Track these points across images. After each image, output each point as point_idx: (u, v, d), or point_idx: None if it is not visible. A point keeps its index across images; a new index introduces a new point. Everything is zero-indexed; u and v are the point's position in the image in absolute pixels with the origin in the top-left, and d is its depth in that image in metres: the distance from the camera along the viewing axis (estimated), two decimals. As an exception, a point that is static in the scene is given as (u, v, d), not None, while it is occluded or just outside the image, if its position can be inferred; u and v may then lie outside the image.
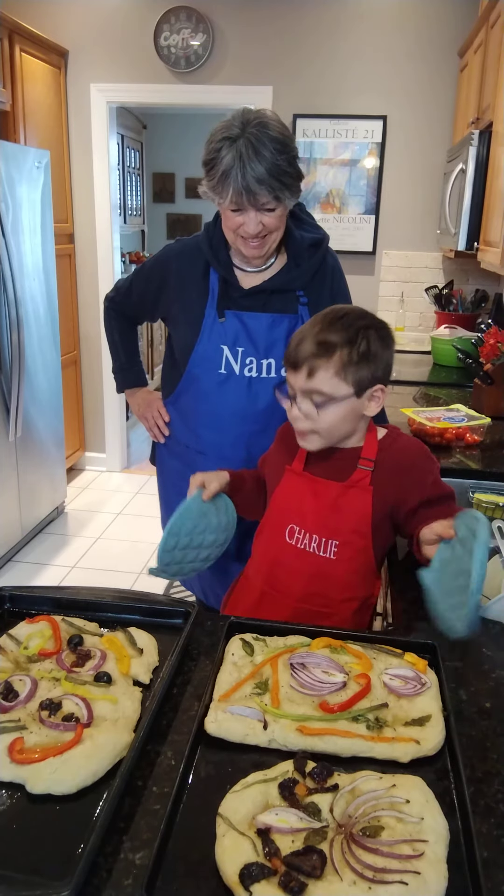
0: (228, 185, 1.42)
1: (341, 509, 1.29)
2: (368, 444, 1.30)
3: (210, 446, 1.69)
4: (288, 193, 1.46)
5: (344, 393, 1.21)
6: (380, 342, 1.23)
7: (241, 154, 1.39)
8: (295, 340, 1.24)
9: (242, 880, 0.69)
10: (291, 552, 1.33)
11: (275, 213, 1.48)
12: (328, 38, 3.87)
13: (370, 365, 1.22)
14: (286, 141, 1.44)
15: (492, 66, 2.83)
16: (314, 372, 1.20)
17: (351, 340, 1.20)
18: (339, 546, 1.29)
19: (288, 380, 1.26)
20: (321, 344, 1.20)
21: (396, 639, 1.10)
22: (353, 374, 1.21)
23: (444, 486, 1.31)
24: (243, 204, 1.44)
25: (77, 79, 4.10)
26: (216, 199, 1.49)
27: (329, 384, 1.20)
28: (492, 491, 1.84)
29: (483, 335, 2.54)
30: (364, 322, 1.23)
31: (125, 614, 1.17)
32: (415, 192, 4.02)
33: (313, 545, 1.31)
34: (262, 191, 1.41)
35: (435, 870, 0.71)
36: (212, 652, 1.09)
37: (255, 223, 1.47)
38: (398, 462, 1.30)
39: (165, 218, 7.31)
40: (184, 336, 1.64)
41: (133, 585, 3.19)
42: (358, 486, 1.28)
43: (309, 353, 1.20)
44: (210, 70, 3.98)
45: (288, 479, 1.36)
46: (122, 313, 1.86)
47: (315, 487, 1.31)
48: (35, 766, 0.82)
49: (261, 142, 1.40)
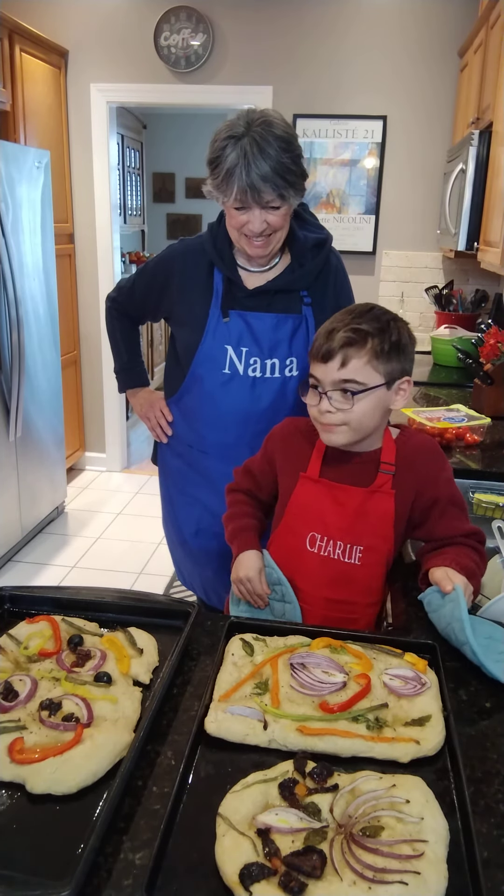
0: (233, 183, 1.42)
1: (366, 515, 1.28)
2: (387, 446, 1.30)
3: (213, 446, 1.69)
4: (292, 192, 1.46)
5: (377, 382, 1.21)
6: (407, 333, 1.24)
7: (246, 152, 1.39)
8: (323, 334, 1.22)
9: (242, 880, 0.69)
10: (314, 560, 1.32)
11: (279, 211, 1.48)
12: (328, 37, 3.87)
13: (399, 356, 1.22)
14: (291, 140, 1.44)
15: (492, 67, 2.83)
16: (348, 361, 1.19)
17: (382, 329, 1.20)
18: (363, 551, 1.29)
19: (315, 375, 1.24)
20: (355, 331, 1.19)
21: (396, 639, 1.10)
22: (385, 363, 1.21)
23: (456, 489, 1.32)
24: (248, 202, 1.44)
25: (77, 79, 4.10)
26: (220, 198, 1.49)
27: (362, 373, 1.20)
28: (492, 491, 1.84)
29: (483, 335, 2.54)
30: (391, 315, 1.24)
31: (125, 614, 1.17)
32: (415, 192, 4.02)
33: (337, 552, 1.30)
34: (266, 188, 1.41)
35: (435, 870, 0.71)
36: (212, 652, 1.09)
37: (260, 221, 1.47)
38: (415, 461, 1.30)
39: (165, 218, 7.31)
40: (188, 336, 1.64)
41: (133, 585, 3.18)
42: (381, 490, 1.28)
43: (343, 342, 1.19)
44: (210, 70, 3.98)
45: (304, 487, 1.33)
46: (124, 313, 1.86)
47: (335, 494, 1.30)
48: (35, 766, 0.82)
49: (265, 140, 1.40)
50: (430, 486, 1.29)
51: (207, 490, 1.72)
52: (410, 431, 1.36)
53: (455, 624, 1.08)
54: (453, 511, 1.29)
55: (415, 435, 1.35)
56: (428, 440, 1.36)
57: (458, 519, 1.29)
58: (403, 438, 1.33)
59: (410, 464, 1.29)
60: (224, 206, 1.52)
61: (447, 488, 1.30)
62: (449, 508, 1.29)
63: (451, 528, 1.28)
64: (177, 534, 1.87)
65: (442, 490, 1.29)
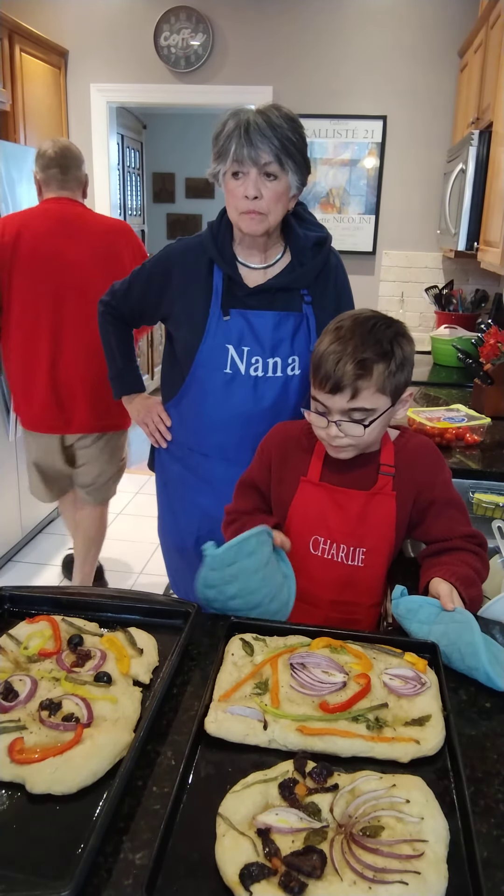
0: (231, 143, 1.42)
1: (368, 518, 1.29)
2: (386, 447, 1.30)
3: (214, 448, 1.67)
4: (291, 164, 1.45)
5: (385, 405, 1.21)
6: (408, 345, 1.23)
7: (249, 118, 1.42)
8: (330, 362, 1.18)
9: (242, 880, 0.69)
10: (318, 563, 1.32)
11: (276, 183, 1.46)
12: (328, 37, 3.87)
13: (404, 372, 1.22)
14: (295, 119, 1.47)
15: (492, 66, 2.83)
16: (358, 393, 1.18)
17: (387, 353, 1.18)
18: (366, 553, 1.30)
19: (322, 401, 1.21)
20: (361, 363, 1.17)
21: (396, 639, 1.10)
22: (391, 384, 1.20)
23: (454, 492, 1.32)
24: (244, 160, 1.42)
25: (77, 79, 4.10)
26: (220, 169, 1.48)
27: (371, 400, 1.19)
28: (492, 491, 1.84)
29: (483, 335, 2.54)
30: (392, 330, 1.22)
31: (125, 614, 1.17)
32: (415, 192, 4.03)
33: (341, 555, 1.30)
34: (263, 146, 1.40)
35: (435, 870, 0.71)
36: (212, 652, 1.09)
37: (255, 186, 1.45)
38: (414, 463, 1.30)
39: (165, 218, 7.31)
40: (187, 336, 1.62)
41: (133, 585, 3.18)
42: (382, 492, 1.28)
43: (352, 375, 1.17)
44: (210, 70, 3.98)
45: (305, 491, 1.33)
46: (118, 317, 1.82)
47: (337, 498, 1.30)
48: (35, 766, 0.82)
49: (270, 112, 1.43)
50: (428, 487, 1.29)
51: (208, 494, 1.71)
52: (409, 433, 1.36)
53: (466, 648, 1.05)
54: (450, 512, 1.30)
55: (413, 436, 1.36)
56: (426, 441, 1.37)
57: (455, 520, 1.29)
58: (402, 440, 1.33)
59: (410, 465, 1.30)
60: (223, 181, 1.50)
61: (444, 490, 1.30)
62: (445, 509, 1.29)
63: (447, 530, 1.28)
64: (176, 540, 1.86)
65: (439, 492, 1.29)
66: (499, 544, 1.40)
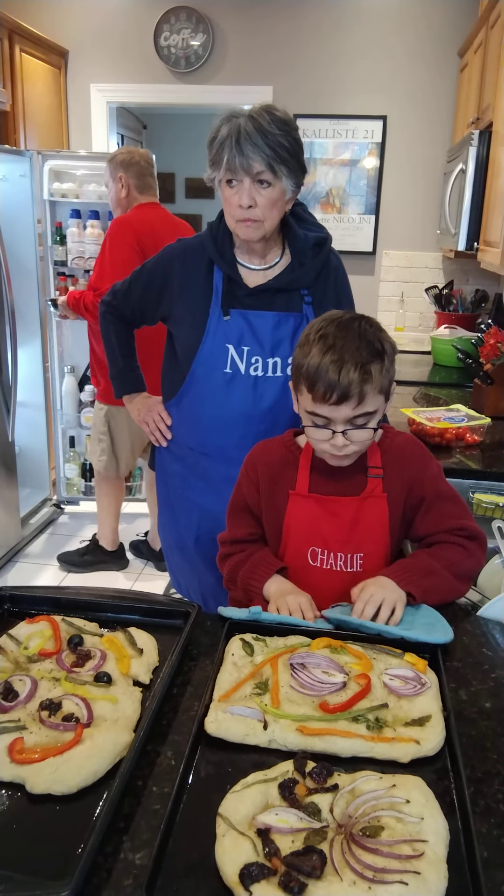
0: (223, 152, 1.42)
1: (361, 522, 1.28)
2: (371, 449, 1.29)
3: (215, 448, 1.67)
4: (284, 170, 1.45)
5: (382, 403, 1.21)
6: (389, 337, 1.22)
7: (240, 126, 1.41)
8: (331, 373, 1.14)
9: (242, 880, 0.69)
10: (318, 574, 1.31)
11: (269, 190, 1.46)
12: (328, 38, 3.87)
13: (393, 365, 1.22)
14: (289, 122, 1.45)
15: (492, 66, 2.83)
16: (364, 398, 1.16)
17: (379, 352, 1.18)
18: (364, 557, 1.29)
19: (324, 414, 1.18)
20: (363, 367, 1.15)
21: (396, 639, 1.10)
22: (386, 381, 1.20)
23: (444, 485, 1.31)
24: (236, 169, 1.43)
25: (77, 79, 4.10)
26: (215, 176, 1.48)
27: (373, 402, 1.18)
28: (492, 491, 1.84)
29: (483, 335, 2.54)
30: (374, 326, 1.21)
31: (125, 614, 1.17)
32: (415, 192, 4.03)
33: (339, 563, 1.29)
34: (255, 155, 1.40)
35: (435, 870, 0.71)
36: (212, 652, 1.09)
37: (248, 196, 1.45)
38: (401, 460, 1.30)
39: (165, 218, 7.31)
40: (188, 336, 1.63)
41: (133, 585, 3.18)
42: (373, 495, 1.28)
43: (358, 382, 1.14)
44: (210, 70, 3.98)
45: (296, 504, 1.31)
46: (119, 317, 1.82)
47: (328, 507, 1.29)
48: (35, 766, 0.82)
49: (262, 117, 1.42)
50: (417, 484, 1.29)
51: (208, 494, 1.71)
52: (392, 431, 1.35)
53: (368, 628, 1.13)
54: (440, 507, 1.29)
55: (397, 434, 1.35)
56: (410, 438, 1.36)
57: (445, 514, 1.28)
58: (387, 440, 1.32)
59: (397, 464, 1.29)
60: (219, 187, 1.51)
61: (434, 485, 1.29)
62: (435, 505, 1.29)
63: (434, 525, 1.28)
64: (176, 539, 1.86)
65: (428, 488, 1.29)
66: (499, 544, 1.40)
